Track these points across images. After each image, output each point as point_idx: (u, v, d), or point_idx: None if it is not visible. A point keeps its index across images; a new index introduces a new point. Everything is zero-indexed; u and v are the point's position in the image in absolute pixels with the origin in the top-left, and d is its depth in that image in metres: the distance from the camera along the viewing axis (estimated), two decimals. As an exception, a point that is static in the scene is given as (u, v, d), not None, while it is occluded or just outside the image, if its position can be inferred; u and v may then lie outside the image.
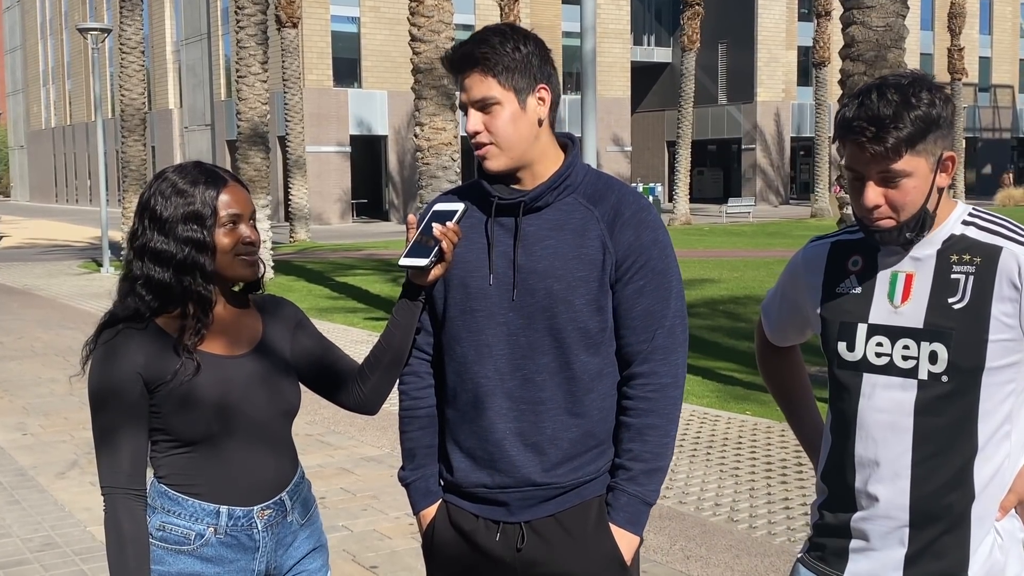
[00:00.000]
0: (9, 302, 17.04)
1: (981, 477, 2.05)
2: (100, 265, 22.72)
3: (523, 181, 2.30)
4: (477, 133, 2.24)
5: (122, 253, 22.27)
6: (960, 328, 2.00)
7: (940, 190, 2.05)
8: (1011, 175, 53.04)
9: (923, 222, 2.03)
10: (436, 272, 2.25)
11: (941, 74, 53.67)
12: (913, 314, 2.05)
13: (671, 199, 37.13)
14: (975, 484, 2.04)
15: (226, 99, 46.80)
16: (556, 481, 2.30)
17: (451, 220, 2.23)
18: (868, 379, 2.10)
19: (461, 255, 2.31)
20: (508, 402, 2.28)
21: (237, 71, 19.48)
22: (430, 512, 2.42)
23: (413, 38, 13.79)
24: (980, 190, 57.57)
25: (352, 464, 6.91)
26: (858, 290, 2.13)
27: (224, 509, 2.24)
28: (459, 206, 2.23)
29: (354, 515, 5.84)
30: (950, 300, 2.02)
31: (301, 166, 31.68)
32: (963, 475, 2.05)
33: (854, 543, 2.15)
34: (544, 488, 2.30)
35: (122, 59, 23.54)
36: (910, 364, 2.05)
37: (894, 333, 2.07)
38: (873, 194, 2.01)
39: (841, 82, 8.93)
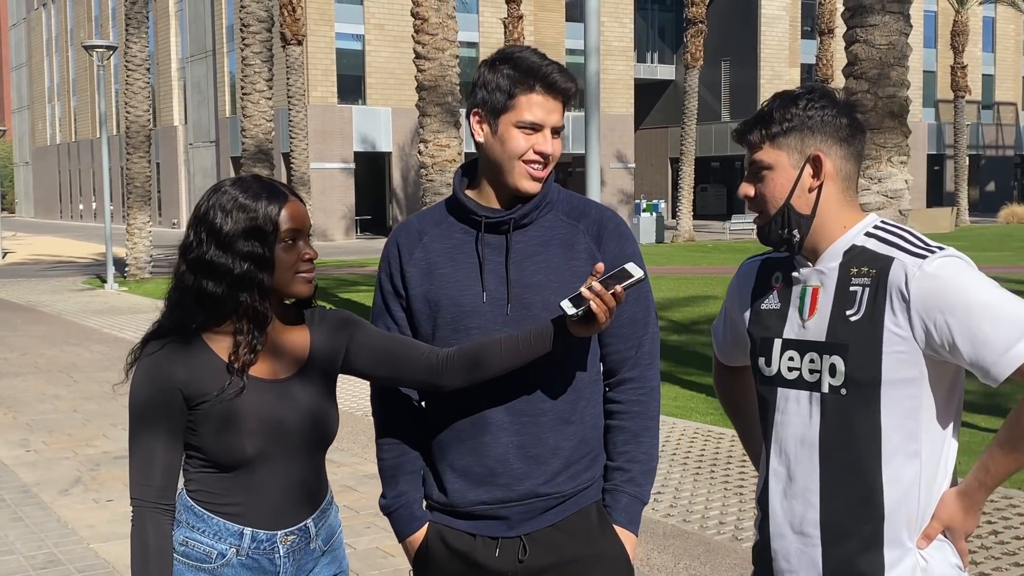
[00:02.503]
0: (13, 318, 17.05)
1: (890, 496, 2.04)
2: (104, 281, 22.73)
3: (501, 200, 2.35)
4: (551, 154, 2.31)
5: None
6: (855, 340, 2.02)
7: (815, 191, 2.08)
8: None
9: (789, 218, 2.08)
10: (583, 329, 2.17)
11: (944, 91, 53.77)
12: (817, 328, 2.08)
13: (674, 216, 37.16)
14: (884, 503, 2.04)
15: (231, 116, 46.93)
16: (557, 491, 2.33)
17: (621, 283, 2.13)
18: (782, 393, 2.14)
19: (451, 275, 2.34)
20: (509, 416, 2.31)
21: (242, 88, 19.56)
22: (418, 537, 2.43)
23: (417, 55, 13.84)
24: (983, 207, 57.55)
25: (355, 482, 6.90)
26: (777, 306, 2.18)
27: (248, 531, 2.22)
28: (639, 273, 2.15)
29: (358, 533, 5.82)
30: (847, 312, 2.04)
31: (305, 183, 31.77)
32: (870, 493, 2.04)
33: (778, 564, 2.17)
34: (546, 499, 2.33)
35: (127, 76, 23.64)
36: (815, 378, 2.08)
37: (802, 347, 2.10)
38: (743, 186, 2.15)
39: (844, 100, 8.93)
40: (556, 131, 2.31)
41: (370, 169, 44.54)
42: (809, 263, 2.13)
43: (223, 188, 2.21)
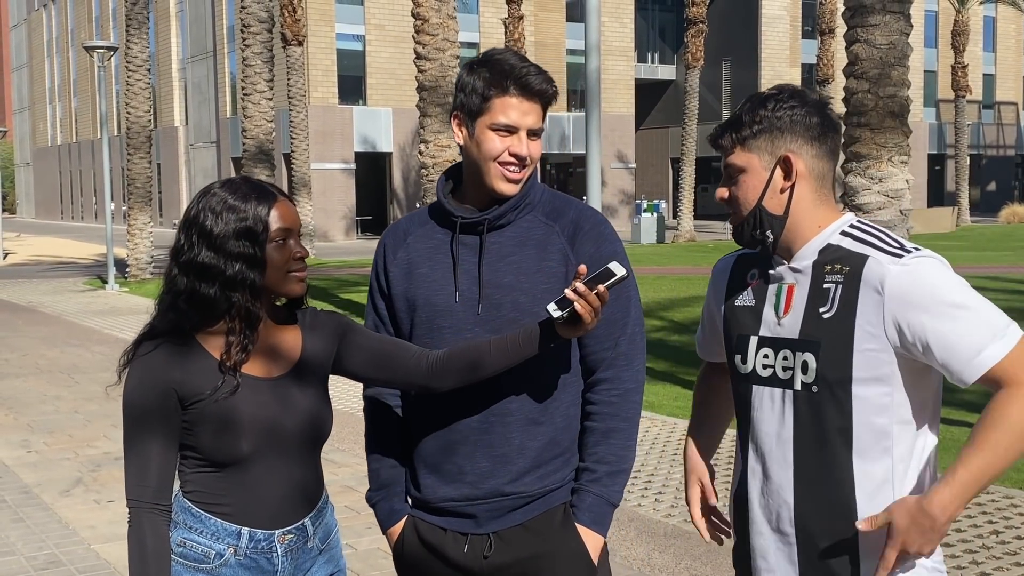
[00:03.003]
0: (14, 319, 17.06)
1: (862, 495, 2.03)
2: (105, 282, 22.74)
3: (481, 201, 2.37)
4: (527, 157, 2.32)
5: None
6: (828, 337, 2.02)
7: (787, 191, 2.08)
8: None
9: (761, 220, 2.09)
10: (570, 331, 2.18)
11: (945, 91, 53.75)
12: (792, 325, 2.09)
13: (675, 216, 37.16)
14: (856, 501, 2.03)
15: (231, 116, 46.94)
16: (523, 490, 2.36)
17: (604, 282, 2.14)
18: (757, 391, 2.15)
19: (427, 275, 2.39)
20: (476, 415, 2.35)
21: (243, 89, 19.57)
22: (396, 529, 2.50)
23: (418, 56, 13.84)
24: (984, 207, 57.52)
25: (356, 482, 6.89)
26: (752, 303, 2.19)
27: (246, 531, 2.23)
28: (621, 271, 2.16)
29: (358, 533, 5.82)
30: (821, 310, 2.05)
31: (306, 183, 31.75)
32: (842, 491, 2.04)
33: (756, 562, 2.18)
34: (512, 497, 2.36)
35: (128, 77, 23.65)
36: (788, 375, 2.09)
37: (777, 344, 2.11)
38: (719, 189, 2.17)
39: (845, 100, 8.94)
40: (533, 133, 2.32)
41: (371, 170, 44.54)
42: (784, 261, 2.14)
43: (212, 191, 2.23)
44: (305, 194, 31.50)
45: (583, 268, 2.16)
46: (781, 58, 52.72)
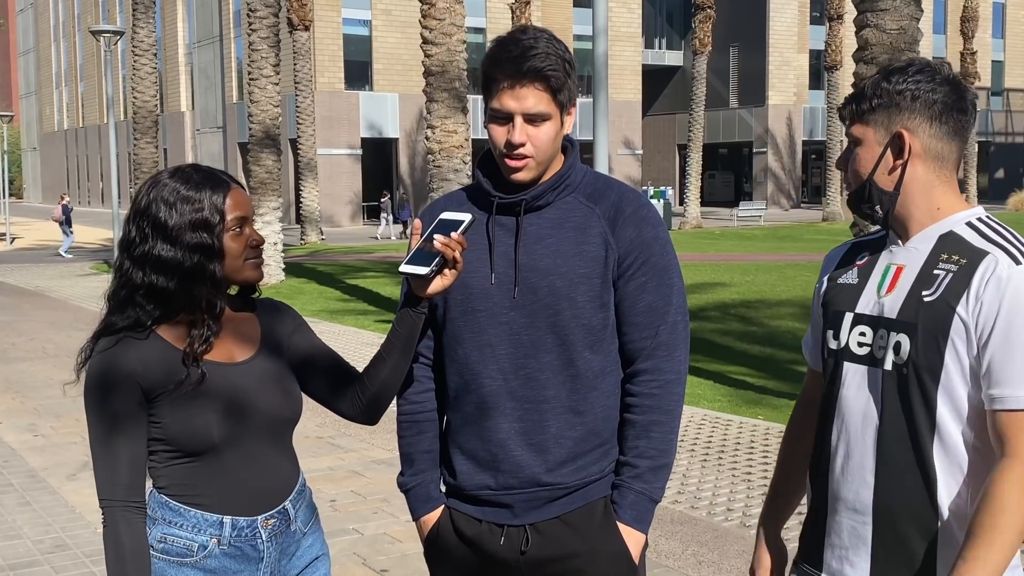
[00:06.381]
0: (21, 304, 17.09)
1: (943, 484, 1.98)
2: (111, 267, 22.77)
3: (511, 190, 2.29)
4: (522, 145, 2.20)
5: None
6: (924, 321, 1.98)
7: (898, 169, 2.03)
8: None
9: (871, 194, 2.06)
10: (439, 283, 2.17)
11: (954, 78, 53.49)
12: (892, 304, 2.04)
13: (682, 203, 37.10)
14: (937, 490, 1.98)
15: (238, 102, 46.91)
16: (561, 481, 2.28)
17: (456, 230, 2.13)
18: (848, 368, 2.10)
19: (463, 256, 2.29)
20: (511, 402, 2.27)
21: (249, 74, 19.53)
22: (431, 518, 2.40)
23: (425, 41, 13.80)
24: (992, 194, 57.32)
25: (363, 467, 6.90)
26: (854, 281, 2.14)
27: (228, 519, 2.19)
28: (467, 216, 2.14)
29: (365, 518, 5.83)
30: (923, 293, 2.00)
31: (312, 168, 31.74)
32: (922, 478, 1.99)
33: (829, 539, 2.14)
34: (550, 488, 2.28)
35: (134, 61, 23.62)
36: (881, 354, 2.04)
37: (874, 323, 2.06)
38: (838, 159, 2.15)
39: (854, 85, 8.89)
40: (533, 119, 2.18)
41: (377, 155, 44.52)
42: (900, 241, 2.10)
43: (162, 181, 2.17)
44: (311, 179, 31.48)
45: (418, 223, 2.15)
46: (789, 44, 52.51)
